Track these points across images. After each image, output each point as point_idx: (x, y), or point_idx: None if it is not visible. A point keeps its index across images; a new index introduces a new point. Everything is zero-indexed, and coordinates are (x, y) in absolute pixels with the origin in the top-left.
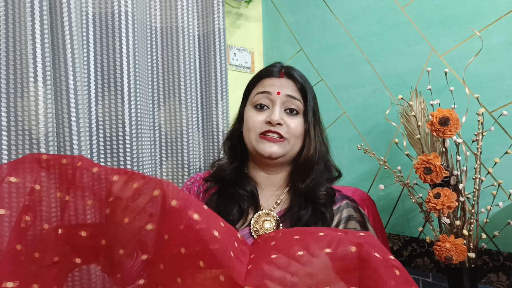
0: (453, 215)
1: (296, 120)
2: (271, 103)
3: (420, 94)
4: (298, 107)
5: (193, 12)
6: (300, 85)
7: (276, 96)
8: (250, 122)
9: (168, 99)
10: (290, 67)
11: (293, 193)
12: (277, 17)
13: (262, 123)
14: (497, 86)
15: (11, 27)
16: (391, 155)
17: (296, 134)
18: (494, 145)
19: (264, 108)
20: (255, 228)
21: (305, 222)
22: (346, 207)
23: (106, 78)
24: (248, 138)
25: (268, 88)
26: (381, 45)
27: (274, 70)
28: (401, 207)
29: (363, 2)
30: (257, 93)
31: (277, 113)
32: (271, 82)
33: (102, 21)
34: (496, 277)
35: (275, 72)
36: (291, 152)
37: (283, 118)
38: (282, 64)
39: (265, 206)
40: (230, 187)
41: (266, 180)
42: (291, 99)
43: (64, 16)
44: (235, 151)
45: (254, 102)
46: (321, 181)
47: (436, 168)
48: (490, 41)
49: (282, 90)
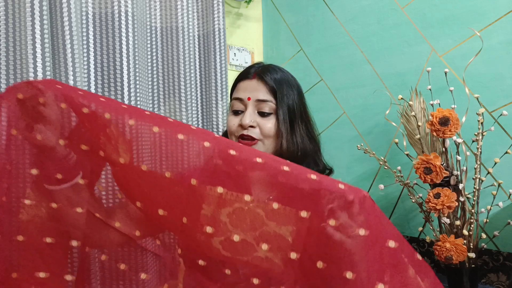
0: (453, 215)
1: (270, 121)
2: (245, 107)
3: (420, 94)
4: (271, 108)
5: (193, 12)
6: (270, 86)
7: (247, 102)
8: (228, 126)
9: (168, 99)
10: (266, 68)
11: None
12: (277, 17)
13: (237, 127)
14: (497, 86)
15: (11, 27)
16: (391, 155)
17: (269, 134)
18: (494, 145)
19: (239, 113)
20: None
21: None
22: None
23: (106, 78)
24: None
25: (240, 94)
26: (381, 45)
27: (249, 72)
28: (401, 207)
29: (363, 2)
30: (233, 99)
31: (247, 117)
32: (244, 86)
33: (102, 21)
34: (496, 277)
35: (249, 74)
36: (268, 152)
37: (255, 120)
38: (260, 65)
39: None
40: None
41: None
42: (263, 102)
43: (64, 16)
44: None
45: (231, 107)
46: None
47: (436, 168)
48: (490, 41)
49: (253, 94)
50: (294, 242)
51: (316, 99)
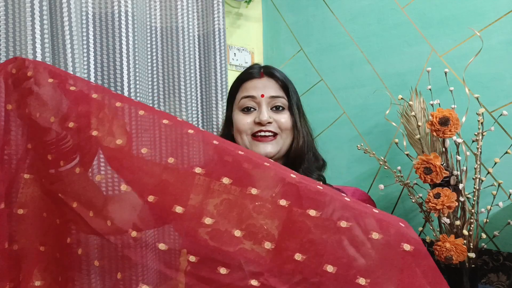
0: (453, 215)
1: (284, 115)
2: (257, 105)
3: (420, 94)
4: (283, 104)
5: (193, 12)
6: (281, 82)
7: (261, 99)
8: (240, 125)
9: (168, 99)
10: (269, 66)
11: None
12: (277, 17)
13: (251, 124)
14: (497, 86)
15: (11, 27)
16: (391, 155)
17: (287, 128)
18: (494, 145)
19: (251, 110)
20: None
21: None
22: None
23: (106, 78)
24: (241, 140)
25: (251, 92)
26: (381, 45)
27: (253, 71)
28: (401, 207)
29: (363, 2)
30: (242, 98)
31: (265, 113)
32: (253, 84)
33: (102, 21)
34: (496, 277)
35: (255, 73)
36: (284, 147)
37: (271, 116)
38: (260, 65)
39: None
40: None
41: None
42: (276, 99)
43: (64, 16)
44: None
45: (240, 106)
46: (312, 169)
47: (436, 168)
48: (490, 41)
49: (265, 91)
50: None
51: (316, 99)
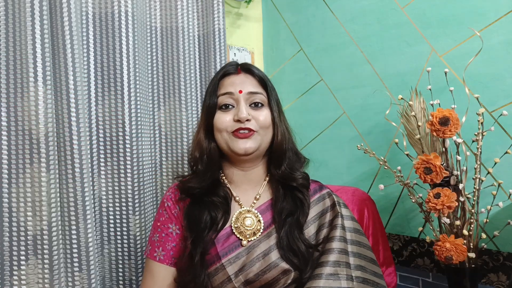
0: (453, 215)
1: (263, 112)
2: (235, 102)
3: (420, 94)
4: (262, 100)
5: (193, 12)
6: (259, 78)
7: (239, 95)
8: (219, 123)
9: (168, 99)
10: (246, 63)
11: (270, 185)
12: (277, 17)
13: (231, 122)
14: (497, 86)
15: (11, 27)
16: (391, 155)
17: (265, 125)
18: (494, 145)
19: (229, 108)
20: (236, 225)
21: (286, 212)
22: (328, 196)
23: (106, 78)
24: (222, 138)
25: (229, 88)
26: (381, 45)
27: (230, 68)
28: (401, 207)
29: (363, 2)
30: (220, 95)
31: (244, 111)
32: (231, 80)
33: (102, 21)
34: (496, 277)
35: (232, 69)
36: (263, 144)
37: (250, 113)
38: (237, 62)
39: (245, 203)
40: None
41: (244, 177)
42: (254, 95)
43: (64, 16)
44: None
45: (218, 104)
46: (295, 166)
47: (436, 168)
48: (490, 41)
49: (243, 87)
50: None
51: (316, 99)
